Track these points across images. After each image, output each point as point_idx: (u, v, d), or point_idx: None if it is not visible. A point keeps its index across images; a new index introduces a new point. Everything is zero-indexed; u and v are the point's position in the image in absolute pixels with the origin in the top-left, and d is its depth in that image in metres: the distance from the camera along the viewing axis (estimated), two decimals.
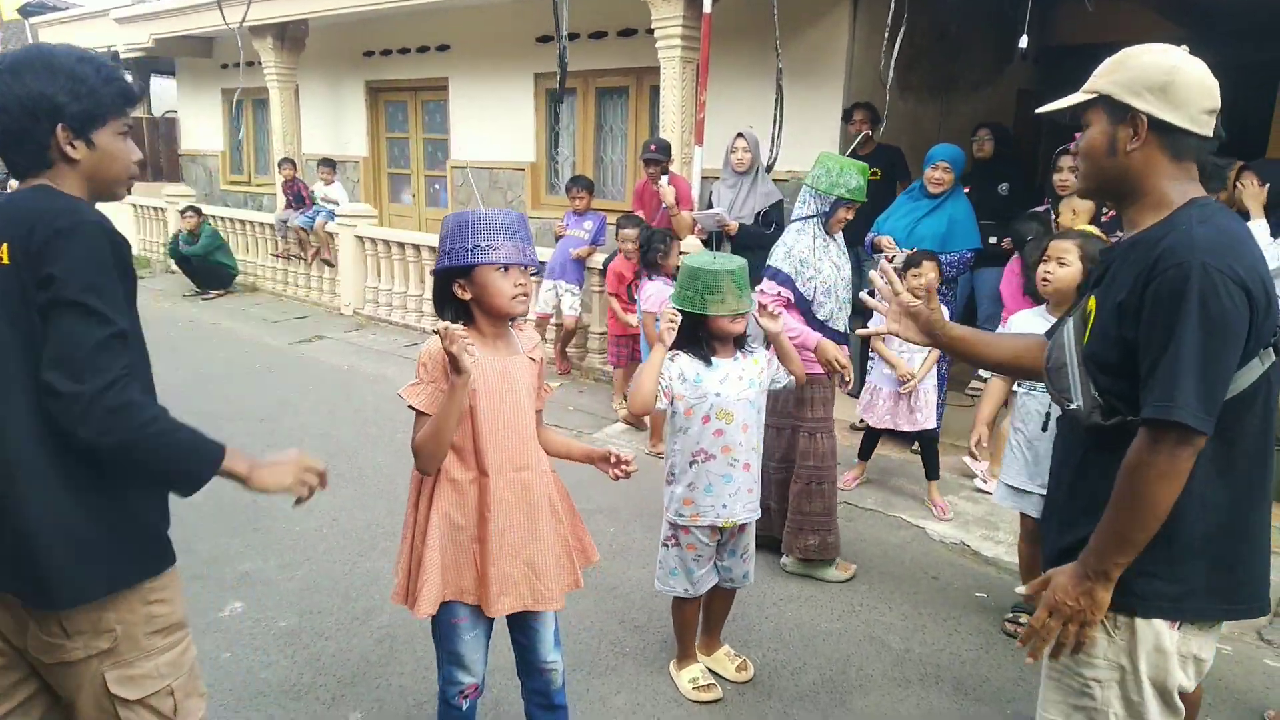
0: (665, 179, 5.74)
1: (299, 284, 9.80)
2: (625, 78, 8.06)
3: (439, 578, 2.12)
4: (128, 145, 1.69)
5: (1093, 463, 1.68)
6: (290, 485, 1.72)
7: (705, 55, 5.83)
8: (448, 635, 2.20)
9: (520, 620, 2.27)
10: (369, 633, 3.21)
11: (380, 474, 4.75)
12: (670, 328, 2.59)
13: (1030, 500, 3.10)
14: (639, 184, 6.37)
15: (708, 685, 2.90)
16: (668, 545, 2.84)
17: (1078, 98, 1.70)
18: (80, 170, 1.63)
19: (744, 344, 2.78)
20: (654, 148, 5.90)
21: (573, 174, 7.73)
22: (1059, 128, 1.89)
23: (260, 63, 9.79)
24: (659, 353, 2.62)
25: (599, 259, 6.35)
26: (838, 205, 3.49)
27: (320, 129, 10.98)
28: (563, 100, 7.06)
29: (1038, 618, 1.69)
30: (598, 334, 6.73)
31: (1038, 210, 4.93)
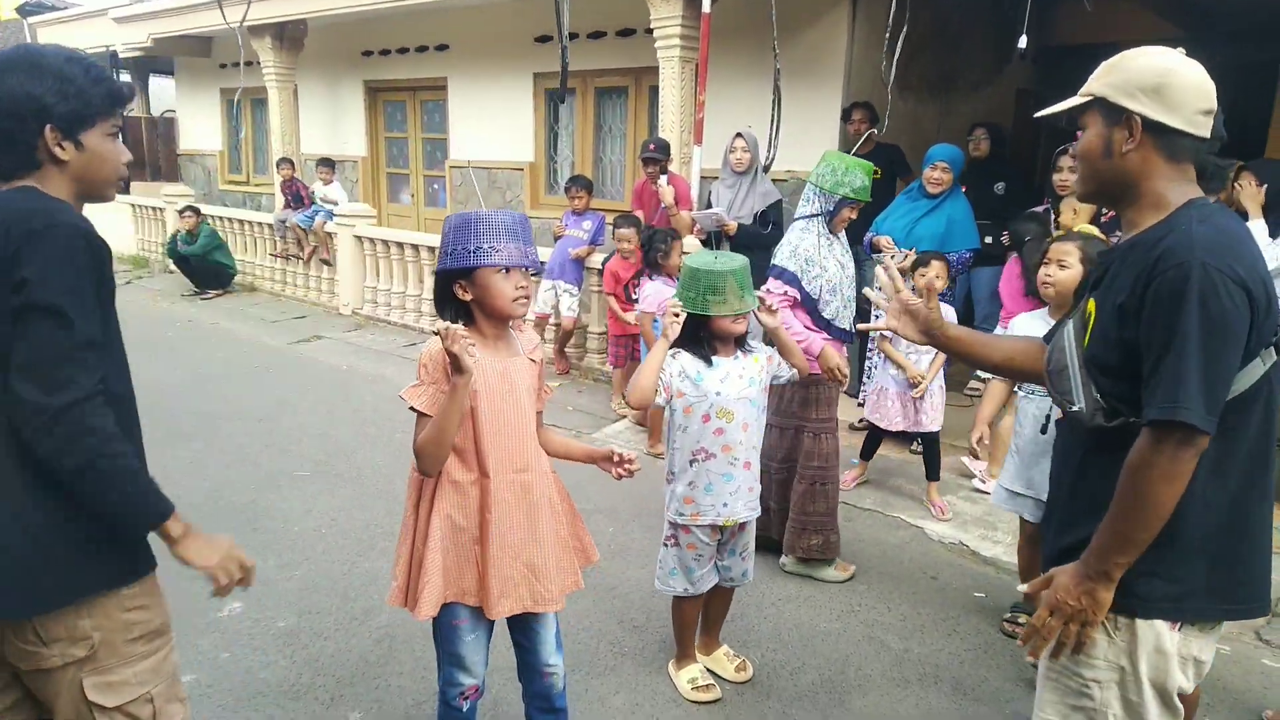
0: (664, 179, 5.74)
1: (297, 284, 9.79)
2: (624, 78, 8.06)
3: (440, 579, 2.11)
4: (117, 146, 1.67)
5: (1093, 464, 1.68)
6: (213, 567, 1.66)
7: (704, 55, 5.83)
8: (449, 637, 2.20)
9: (521, 622, 2.26)
10: (368, 633, 3.21)
11: (379, 474, 4.74)
12: (675, 321, 2.58)
13: (1027, 503, 3.10)
14: (638, 184, 6.38)
15: (707, 685, 2.90)
16: (668, 545, 2.84)
17: (1074, 101, 1.71)
18: (69, 171, 1.61)
19: (744, 343, 2.78)
20: (653, 147, 5.90)
21: (572, 174, 7.74)
22: (1058, 128, 1.90)
23: (259, 62, 9.78)
24: (662, 346, 2.61)
25: (598, 259, 6.35)
26: (842, 204, 3.49)
27: (319, 129, 10.98)
28: (564, 100, 7.05)
29: (1039, 616, 1.69)
30: (597, 334, 6.72)
31: (1037, 210, 4.93)
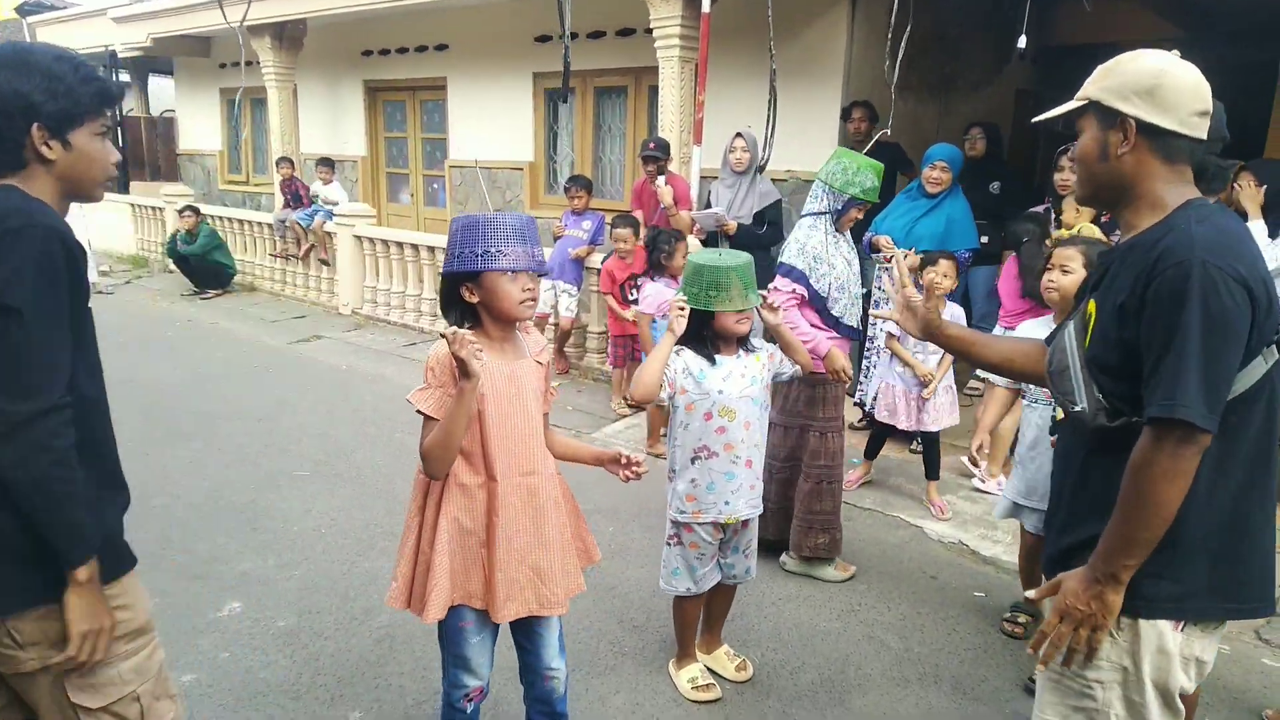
0: (662, 179, 5.74)
1: (297, 284, 9.79)
2: (624, 77, 8.06)
3: (448, 582, 2.10)
4: (105, 146, 1.65)
5: (1095, 464, 1.68)
6: (82, 629, 1.55)
7: (704, 55, 5.84)
8: (454, 639, 2.19)
9: (524, 625, 2.25)
10: (368, 632, 3.21)
11: (378, 474, 4.74)
12: (680, 316, 2.58)
13: (1031, 515, 3.07)
14: (637, 183, 6.38)
15: (707, 685, 2.90)
16: (671, 544, 2.84)
17: (1070, 105, 1.72)
18: (55, 171, 1.58)
19: (747, 342, 2.78)
20: (653, 145, 5.90)
21: (571, 174, 7.74)
22: (1057, 129, 1.91)
23: (258, 62, 9.78)
24: (668, 341, 2.61)
25: (597, 259, 6.35)
26: (850, 204, 3.48)
27: (318, 128, 10.98)
28: (566, 100, 7.05)
29: (1048, 623, 1.67)
30: (597, 334, 6.72)
31: (1036, 211, 4.93)
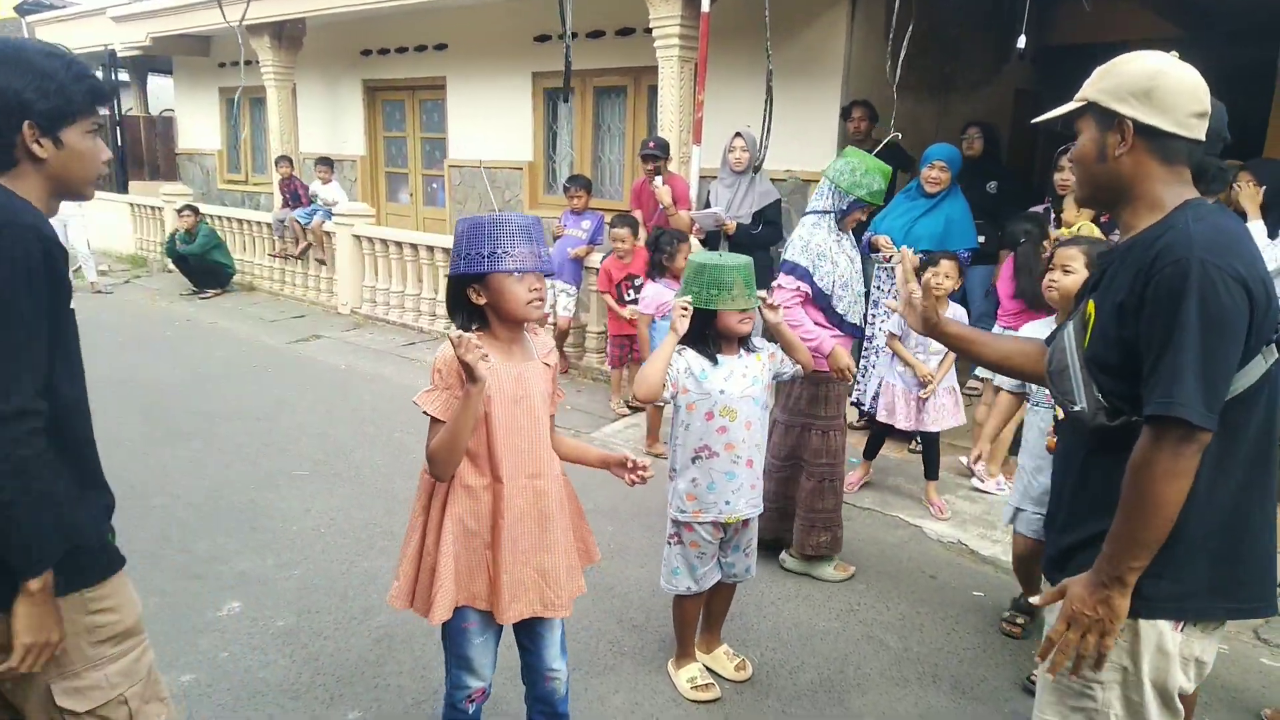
0: (659, 179, 5.73)
1: (296, 283, 9.78)
2: (623, 77, 8.06)
3: (453, 583, 2.10)
4: (97, 144, 1.63)
5: (1096, 464, 1.68)
6: (26, 641, 1.49)
7: (703, 55, 5.84)
8: (458, 640, 2.19)
9: (527, 626, 2.25)
10: (367, 632, 3.21)
11: (377, 473, 4.74)
12: (683, 315, 2.59)
13: (1023, 517, 3.06)
14: (636, 183, 6.38)
15: (706, 685, 2.90)
16: (671, 543, 2.85)
17: (1069, 106, 1.72)
18: (46, 169, 1.56)
19: (748, 342, 2.78)
20: (652, 144, 5.90)
21: (570, 173, 7.73)
22: (1056, 129, 1.91)
23: (258, 62, 9.77)
24: (670, 341, 2.62)
25: (596, 258, 6.35)
26: (855, 205, 3.48)
27: (318, 128, 10.98)
28: (567, 99, 7.05)
29: (1056, 630, 1.66)
30: (596, 333, 6.72)
31: (1035, 210, 4.93)
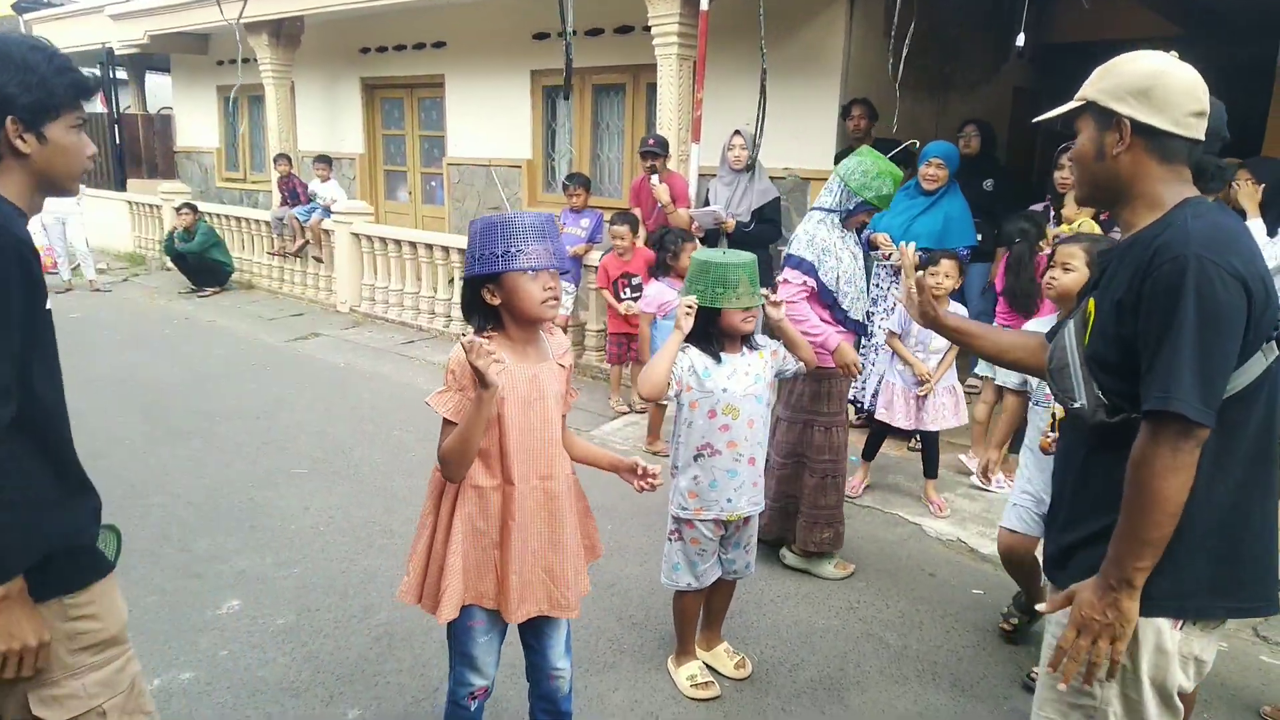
0: (656, 178, 5.73)
1: (295, 281, 9.77)
2: (622, 75, 8.05)
3: (461, 582, 2.10)
4: (81, 139, 1.60)
5: (1096, 462, 1.68)
6: (4, 646, 1.47)
7: (702, 53, 5.83)
8: (462, 638, 2.19)
9: (533, 625, 2.25)
10: (366, 630, 3.21)
11: (376, 472, 4.74)
12: (687, 314, 2.59)
13: (1013, 511, 3.02)
14: (635, 181, 6.37)
15: (706, 683, 2.90)
16: (672, 539, 2.85)
17: (1068, 106, 1.73)
18: (29, 165, 1.54)
19: (751, 340, 2.78)
20: (652, 142, 5.89)
21: (569, 171, 7.73)
22: (1055, 128, 1.92)
23: (256, 59, 9.76)
24: (676, 339, 2.62)
25: (595, 256, 6.34)
26: (861, 207, 3.48)
27: (316, 126, 10.96)
28: (567, 97, 7.04)
29: (1066, 638, 1.64)
30: (595, 331, 6.72)
31: (1034, 210, 4.93)
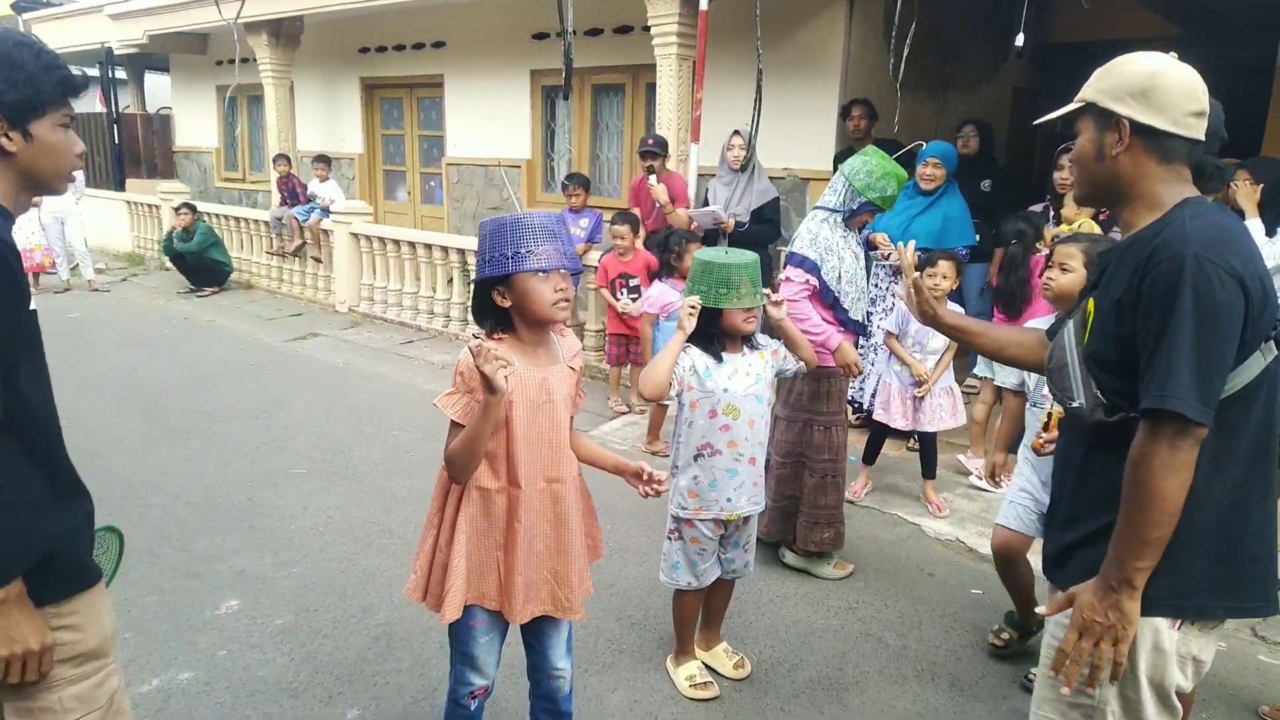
0: (654, 178, 5.73)
1: (294, 281, 9.77)
2: (621, 75, 8.05)
3: (464, 583, 2.10)
4: (69, 137, 1.56)
5: (1095, 461, 1.69)
6: (4, 650, 1.44)
7: (701, 53, 5.83)
8: (464, 637, 2.19)
9: (535, 625, 2.25)
10: (365, 630, 3.21)
11: (375, 471, 4.74)
12: (690, 314, 2.59)
13: (1009, 508, 2.98)
14: (635, 181, 6.37)
15: (705, 683, 2.90)
16: (671, 539, 2.85)
17: (1068, 108, 1.74)
18: (15, 164, 1.51)
19: (752, 339, 2.79)
20: (651, 141, 5.89)
21: (569, 171, 7.73)
22: (1054, 129, 1.93)
23: (255, 59, 9.75)
24: (678, 339, 2.62)
25: (595, 256, 6.34)
26: (864, 207, 3.48)
27: (315, 126, 10.96)
28: (567, 97, 7.04)
29: (1068, 640, 1.64)
30: (594, 331, 6.72)
31: (1034, 210, 4.94)
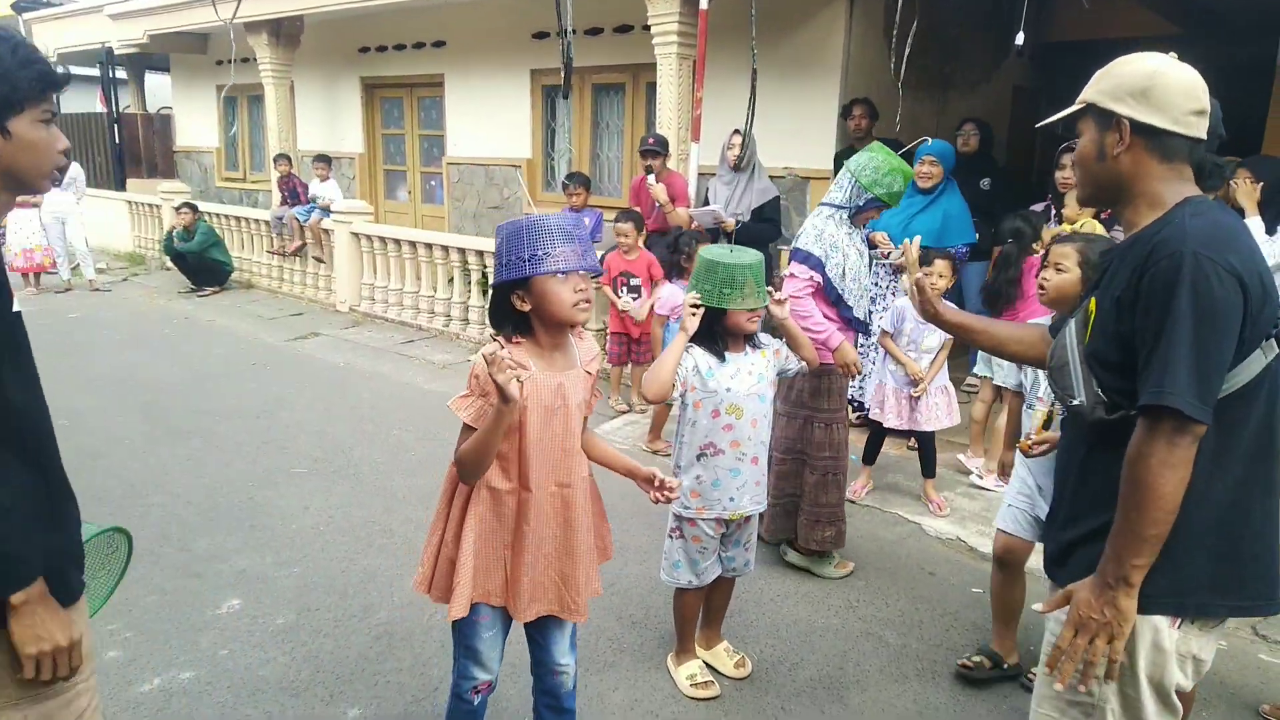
0: (652, 177, 5.73)
1: (294, 281, 9.77)
2: (622, 74, 8.05)
3: (471, 580, 2.10)
4: (51, 133, 1.51)
5: (1096, 459, 1.69)
6: (29, 652, 1.42)
7: (702, 52, 5.83)
8: (467, 631, 2.20)
9: (539, 621, 2.25)
10: (366, 629, 3.21)
11: (376, 471, 4.74)
12: (693, 315, 2.59)
13: (1007, 512, 2.96)
14: (635, 180, 6.37)
15: (705, 682, 2.90)
16: (673, 537, 2.86)
17: (1069, 110, 1.75)
18: None
19: (754, 338, 2.79)
20: (652, 141, 5.90)
21: (569, 171, 7.73)
22: (1054, 130, 1.94)
23: (255, 59, 9.76)
24: (680, 340, 2.62)
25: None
26: (871, 203, 3.47)
27: (316, 125, 10.96)
28: (566, 97, 7.05)
29: (1063, 637, 1.65)
30: (594, 331, 6.72)
31: (1035, 209, 4.93)
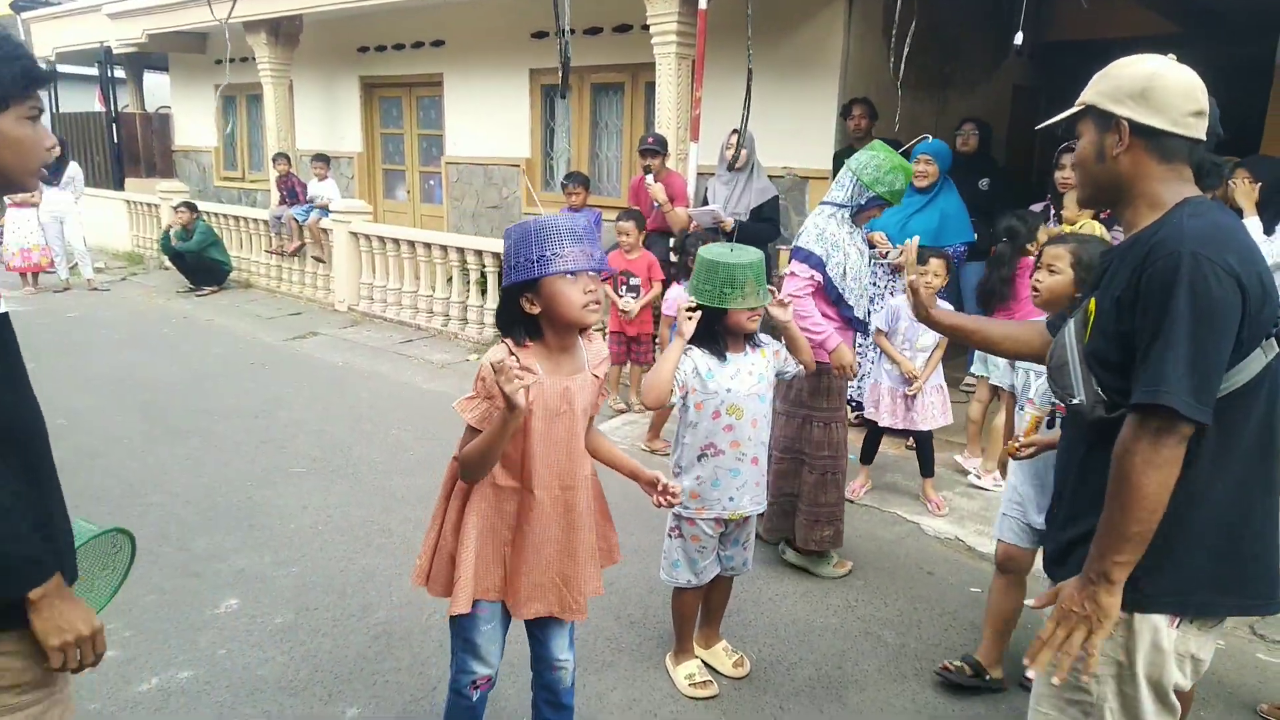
0: (650, 177, 5.73)
1: (293, 280, 9.77)
2: (621, 74, 8.05)
3: (472, 576, 2.11)
4: (36, 131, 1.46)
5: (1096, 458, 1.68)
6: (54, 644, 1.42)
7: (701, 52, 5.83)
8: (466, 625, 2.20)
9: (539, 617, 2.25)
10: (365, 629, 3.21)
11: (375, 470, 4.74)
12: (689, 319, 2.59)
13: (1005, 522, 2.88)
14: (635, 180, 6.37)
15: (704, 681, 2.90)
16: (672, 536, 2.86)
17: (1069, 112, 1.76)
18: None
19: (754, 338, 2.79)
20: (651, 140, 5.89)
21: (568, 170, 7.73)
22: (1054, 130, 1.95)
23: (254, 58, 9.75)
24: (677, 345, 2.62)
25: None
26: (873, 202, 3.46)
27: (314, 125, 10.95)
28: (565, 96, 7.05)
29: (1045, 629, 1.67)
30: (595, 331, 6.70)
31: (1034, 209, 4.94)
